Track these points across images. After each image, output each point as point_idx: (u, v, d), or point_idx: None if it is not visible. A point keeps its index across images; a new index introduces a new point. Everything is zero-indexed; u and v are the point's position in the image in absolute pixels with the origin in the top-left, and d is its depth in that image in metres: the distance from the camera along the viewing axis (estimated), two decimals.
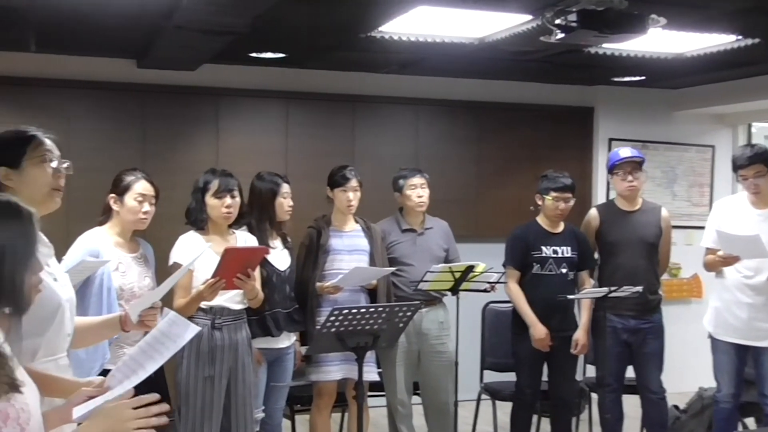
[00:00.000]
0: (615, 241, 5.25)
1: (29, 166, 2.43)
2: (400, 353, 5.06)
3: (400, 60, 6.10)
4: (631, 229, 5.26)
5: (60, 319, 2.44)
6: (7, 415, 1.71)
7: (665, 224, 5.35)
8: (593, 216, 5.42)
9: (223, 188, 4.15)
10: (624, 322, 5.20)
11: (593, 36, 3.85)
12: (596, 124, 7.35)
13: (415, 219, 5.17)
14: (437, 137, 6.98)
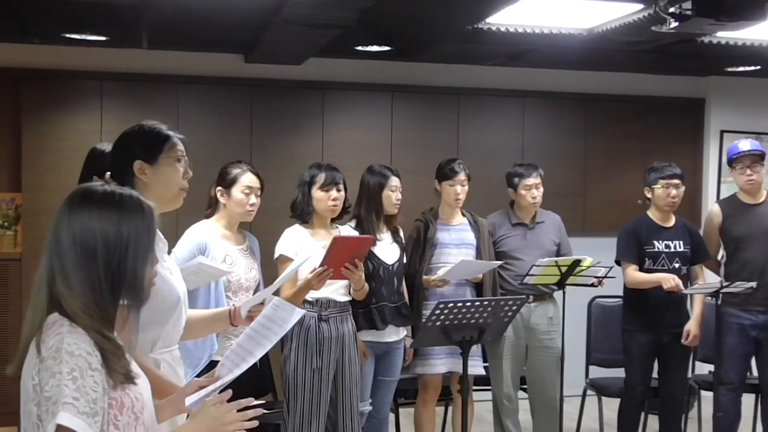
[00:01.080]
0: (741, 236, 5.12)
1: (164, 164, 2.50)
2: (508, 347, 5.05)
3: (506, 52, 6.04)
4: (757, 222, 5.12)
5: (179, 312, 2.51)
6: (122, 404, 1.77)
7: None
8: (716, 212, 5.28)
9: (329, 181, 4.19)
10: (753, 318, 5.07)
11: (709, 24, 3.73)
12: (708, 116, 7.13)
13: (526, 213, 5.14)
14: (543, 130, 6.89)
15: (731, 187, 6.27)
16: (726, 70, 6.68)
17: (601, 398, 5.47)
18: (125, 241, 1.81)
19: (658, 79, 6.99)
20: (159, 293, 2.34)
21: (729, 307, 5.08)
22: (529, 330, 5.03)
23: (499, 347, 5.03)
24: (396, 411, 5.22)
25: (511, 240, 5.08)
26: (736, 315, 5.08)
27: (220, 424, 1.93)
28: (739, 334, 5.09)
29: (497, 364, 5.09)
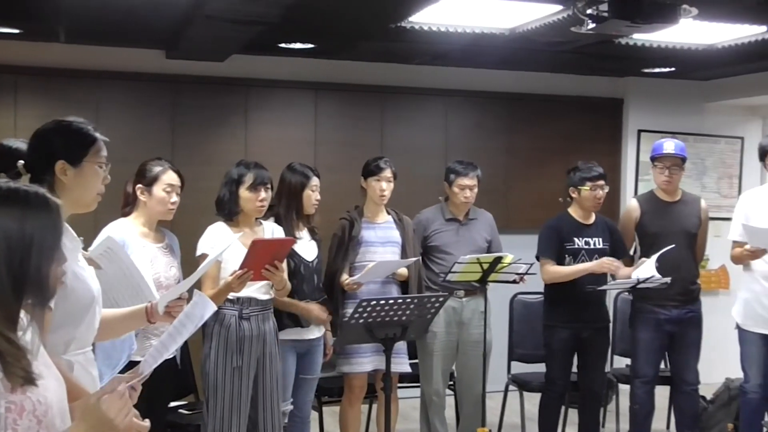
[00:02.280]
0: (657, 233, 5.24)
1: (87, 168, 2.44)
2: (439, 343, 5.10)
3: (430, 51, 6.08)
4: (674, 219, 5.26)
5: (93, 311, 2.46)
6: (22, 408, 1.70)
7: (704, 215, 5.37)
8: (633, 207, 5.41)
9: (258, 181, 4.15)
10: (667, 313, 5.20)
11: (625, 26, 3.82)
12: (626, 116, 7.30)
13: (459, 209, 5.20)
14: (467, 129, 6.96)
15: (648, 185, 6.43)
16: (643, 71, 6.84)
17: (522, 393, 5.56)
18: (29, 239, 1.75)
19: (579, 80, 7.12)
20: (73, 293, 2.29)
21: (644, 302, 5.20)
22: (461, 325, 5.08)
23: (430, 343, 5.08)
24: (320, 410, 5.21)
25: (443, 235, 5.14)
26: (650, 310, 5.20)
27: (107, 416, 1.82)
28: (653, 328, 5.22)
29: (428, 360, 5.13)
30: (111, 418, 1.83)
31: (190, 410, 4.65)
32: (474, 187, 5.15)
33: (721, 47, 5.54)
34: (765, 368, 5.00)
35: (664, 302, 5.16)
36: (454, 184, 5.14)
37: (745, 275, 5.12)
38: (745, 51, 5.63)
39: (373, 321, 4.01)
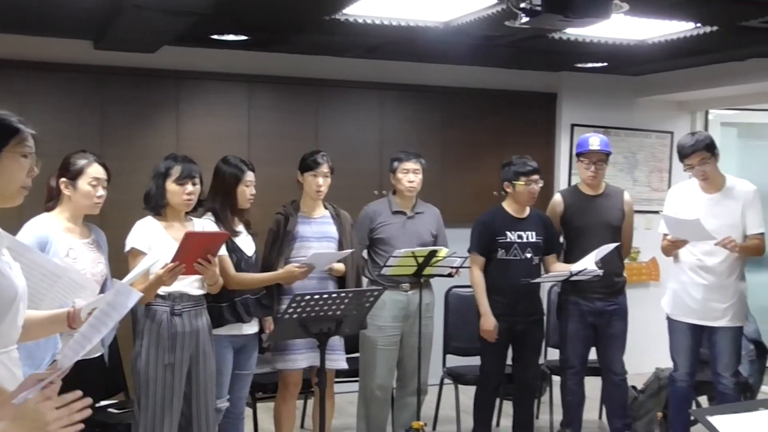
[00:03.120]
0: (581, 226, 5.32)
1: (8, 158, 2.33)
2: (385, 337, 5.10)
3: (365, 44, 6.05)
4: (596, 213, 5.33)
5: (16, 309, 2.37)
6: None
7: (628, 208, 5.45)
8: (558, 201, 5.47)
9: (185, 174, 4.08)
10: (590, 305, 5.28)
11: (558, 20, 3.82)
12: (559, 110, 7.37)
13: (406, 202, 5.20)
14: (402, 122, 6.94)
15: None
16: (576, 66, 6.90)
17: (457, 386, 5.57)
18: None
19: (513, 74, 7.16)
20: None
21: (570, 294, 5.29)
22: (407, 318, 5.07)
23: (373, 337, 5.08)
24: (254, 406, 5.16)
25: (389, 227, 5.14)
26: (575, 302, 5.29)
27: (41, 425, 1.79)
28: (579, 320, 5.31)
29: (371, 354, 5.13)
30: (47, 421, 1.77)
31: (119, 409, 4.55)
32: (418, 171, 5.16)
33: (652, 43, 5.61)
34: (693, 357, 5.12)
35: (588, 294, 5.26)
36: (398, 170, 5.15)
37: (674, 267, 5.22)
38: (674, 47, 5.71)
39: (308, 316, 3.99)
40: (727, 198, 5.00)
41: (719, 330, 5.01)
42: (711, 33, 5.19)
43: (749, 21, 4.83)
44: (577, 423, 5.46)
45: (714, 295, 4.98)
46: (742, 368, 5.46)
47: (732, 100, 7.27)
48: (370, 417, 5.22)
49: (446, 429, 5.74)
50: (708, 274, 4.98)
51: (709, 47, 5.78)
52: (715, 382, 5.08)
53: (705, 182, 5.00)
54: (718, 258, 4.95)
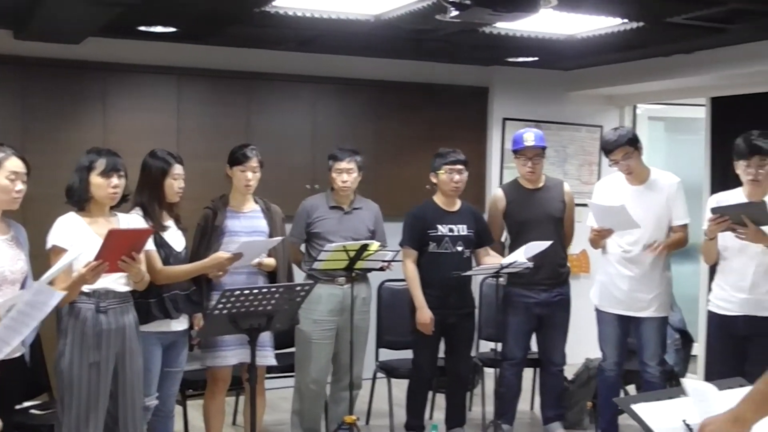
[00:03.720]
0: (524, 220, 5.38)
1: None
2: (320, 331, 5.09)
3: (296, 37, 6.00)
4: (538, 206, 5.41)
5: None
6: None
7: (568, 198, 5.54)
8: (499, 197, 5.52)
9: (110, 167, 3.98)
10: (536, 296, 5.36)
11: (487, 14, 3.85)
12: (491, 104, 7.41)
13: (343, 198, 5.19)
14: (335, 116, 6.91)
15: (513, 172, 6.54)
16: (507, 60, 6.95)
17: (390, 380, 5.58)
18: None
19: (445, 68, 7.17)
20: None
21: (515, 287, 5.35)
22: (343, 312, 5.06)
23: (308, 332, 5.06)
24: (184, 403, 5.09)
25: (326, 222, 5.12)
26: (521, 294, 5.36)
27: None
28: (524, 312, 5.38)
29: (306, 348, 5.11)
30: None
31: (43, 410, 4.44)
32: (352, 171, 5.15)
33: (581, 38, 5.68)
34: (620, 347, 5.22)
35: (533, 286, 5.33)
36: (332, 169, 5.15)
37: (601, 258, 5.30)
38: (603, 42, 5.79)
39: (238, 311, 3.95)
40: (652, 190, 5.09)
41: (645, 320, 5.10)
42: (638, 29, 5.27)
43: (673, 17, 4.91)
44: (511, 414, 5.53)
45: (640, 286, 5.07)
46: (668, 357, 5.60)
47: (658, 94, 7.40)
48: (305, 412, 5.19)
49: (380, 423, 5.74)
50: (634, 265, 5.07)
51: (636, 43, 5.88)
52: (641, 371, 5.18)
53: (630, 176, 5.09)
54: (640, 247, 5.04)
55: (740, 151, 4.54)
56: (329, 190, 5.26)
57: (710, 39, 5.66)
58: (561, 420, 5.61)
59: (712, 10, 4.71)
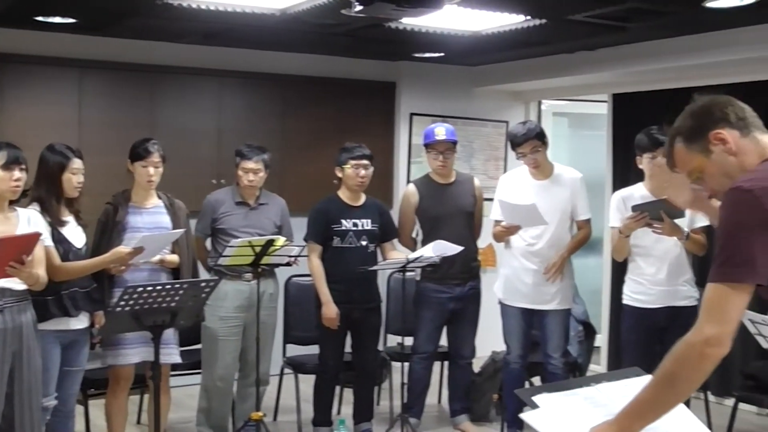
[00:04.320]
0: (436, 215, 5.43)
1: None
2: (227, 327, 5.05)
3: (202, 30, 5.90)
4: (451, 201, 5.46)
5: None
6: None
7: (479, 193, 5.62)
8: (411, 192, 5.55)
9: (11, 160, 3.87)
10: (449, 291, 5.41)
11: (391, 9, 3.87)
12: (398, 99, 7.45)
13: (249, 193, 5.16)
14: (241, 110, 6.84)
15: (421, 167, 6.62)
16: (414, 55, 6.99)
17: (297, 375, 5.56)
18: None
19: (353, 63, 7.18)
20: None
21: (428, 282, 5.40)
22: (250, 307, 5.02)
23: (214, 328, 5.01)
24: (85, 403, 4.97)
25: (232, 218, 5.09)
26: (434, 289, 5.41)
27: None
28: (436, 307, 5.43)
29: (213, 345, 5.06)
30: None
31: None
32: (259, 171, 5.12)
33: (486, 34, 5.74)
34: (524, 340, 5.31)
35: (447, 281, 5.39)
36: (239, 167, 5.13)
37: (505, 252, 5.38)
38: (507, 39, 5.87)
39: (141, 308, 3.90)
40: (556, 185, 5.20)
41: (549, 313, 5.21)
42: (540, 26, 5.36)
43: (575, 15, 5.02)
44: (419, 408, 5.57)
45: (544, 279, 5.16)
46: (572, 348, 5.72)
47: (562, 90, 7.56)
48: (211, 409, 5.15)
49: (287, 419, 5.72)
50: (537, 259, 5.17)
51: (540, 40, 5.98)
52: (545, 363, 5.28)
53: (536, 170, 5.18)
54: (546, 244, 5.15)
55: (644, 145, 4.70)
56: (235, 185, 5.22)
57: (611, 37, 5.79)
58: (468, 413, 5.69)
59: (611, 8, 4.83)
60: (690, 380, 2.15)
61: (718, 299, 2.10)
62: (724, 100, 2.32)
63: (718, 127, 2.27)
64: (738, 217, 2.11)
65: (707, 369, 2.11)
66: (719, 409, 5.64)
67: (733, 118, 2.27)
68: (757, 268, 2.07)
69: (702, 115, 2.31)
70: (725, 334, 2.07)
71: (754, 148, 2.26)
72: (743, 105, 2.31)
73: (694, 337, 2.11)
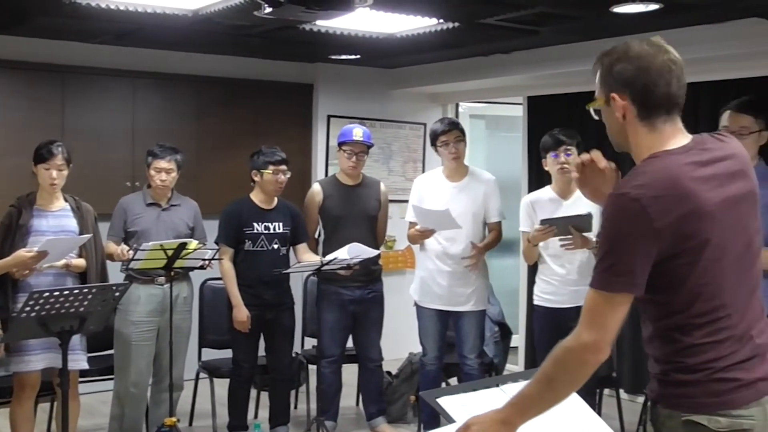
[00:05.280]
0: (340, 216, 5.42)
1: None
2: (140, 332, 4.98)
3: (113, 30, 5.78)
4: (354, 203, 5.46)
5: None
6: None
7: (384, 198, 5.62)
8: (316, 191, 5.54)
9: None
10: (350, 293, 5.39)
11: (301, 11, 3.84)
12: (316, 101, 7.43)
13: (160, 195, 5.10)
14: (155, 111, 6.73)
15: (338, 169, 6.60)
16: (330, 57, 6.97)
17: (213, 380, 5.50)
18: None
19: (270, 64, 7.13)
20: None
21: (328, 284, 5.36)
22: (164, 312, 4.95)
23: (127, 333, 4.94)
24: None
25: (143, 220, 5.02)
26: (335, 291, 5.39)
27: None
28: (338, 309, 5.41)
29: (126, 350, 4.98)
30: None
31: None
32: (171, 170, 5.08)
33: (401, 37, 5.76)
34: (440, 341, 5.34)
35: (347, 283, 5.37)
36: (151, 167, 5.06)
37: (420, 254, 5.42)
38: (422, 41, 5.89)
39: (47, 314, 3.82)
40: (470, 186, 5.26)
41: (464, 314, 5.25)
42: (454, 29, 5.40)
43: (486, 19, 5.07)
44: (334, 410, 5.56)
45: (458, 281, 5.21)
46: (488, 349, 5.78)
47: (479, 93, 7.63)
48: (125, 415, 5.06)
49: (203, 423, 5.65)
50: (452, 261, 5.21)
51: (455, 42, 6.02)
52: (461, 364, 5.32)
53: (455, 162, 5.21)
54: (461, 245, 5.20)
55: (548, 146, 4.81)
56: (146, 188, 5.15)
57: (525, 40, 5.87)
58: (383, 414, 5.69)
59: (521, 12, 4.90)
60: (567, 383, 2.18)
61: (597, 307, 2.11)
62: (658, 67, 2.16)
63: (620, 91, 2.18)
64: (622, 225, 2.08)
65: (585, 373, 2.13)
66: (632, 406, 5.77)
67: (640, 91, 2.16)
68: (636, 279, 2.07)
69: (622, 70, 2.19)
70: (603, 341, 2.09)
71: (646, 134, 2.18)
72: (675, 82, 2.16)
73: (573, 342, 2.13)
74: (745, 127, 3.70)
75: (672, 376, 2.17)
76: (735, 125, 3.71)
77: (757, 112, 3.73)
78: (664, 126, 2.18)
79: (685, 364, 2.13)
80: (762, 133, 3.75)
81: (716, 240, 2.09)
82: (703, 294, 2.11)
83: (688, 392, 2.13)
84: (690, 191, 2.06)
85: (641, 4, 4.60)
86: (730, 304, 2.13)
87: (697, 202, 2.07)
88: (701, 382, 2.11)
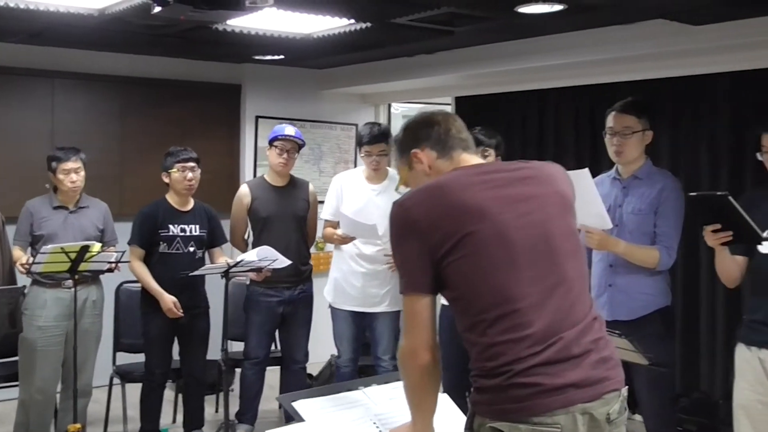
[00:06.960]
0: (267, 217, 5.40)
1: None
2: (46, 337, 4.91)
3: (23, 29, 5.66)
4: (283, 204, 5.44)
5: None
6: None
7: (312, 198, 5.60)
8: (244, 192, 5.50)
9: None
10: (279, 295, 5.35)
11: (189, 11, 3.77)
12: (243, 102, 7.37)
13: (69, 197, 5.03)
14: (77, 112, 6.63)
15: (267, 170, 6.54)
16: (255, 57, 6.91)
17: (124, 385, 5.43)
18: None
19: (195, 65, 7.06)
20: None
21: (257, 286, 5.34)
22: (72, 316, 4.86)
23: (33, 339, 4.87)
24: None
25: (50, 223, 4.95)
26: (263, 293, 5.36)
27: None
28: (266, 311, 5.38)
29: (31, 356, 4.90)
30: None
31: None
32: (80, 169, 5.01)
33: (318, 37, 5.70)
34: (355, 343, 5.33)
35: (276, 285, 5.34)
36: (58, 171, 4.97)
37: (335, 254, 5.39)
38: (341, 42, 5.83)
39: None
40: (389, 189, 5.23)
41: (378, 315, 5.24)
42: (368, 29, 5.34)
43: (396, 19, 5.02)
44: (252, 413, 5.52)
45: (372, 281, 5.20)
46: None
47: (408, 93, 7.59)
48: (30, 423, 4.99)
49: (117, 429, 5.57)
50: (366, 261, 5.19)
51: (375, 43, 5.96)
52: (375, 365, 5.32)
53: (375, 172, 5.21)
54: (375, 246, 5.17)
55: None
56: (52, 191, 5.07)
57: (443, 41, 5.82)
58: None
59: (428, 13, 4.85)
60: (410, 387, 2.28)
61: (406, 311, 2.26)
62: (434, 119, 2.45)
63: (419, 146, 2.41)
64: (395, 230, 2.27)
65: (415, 375, 2.22)
66: None
67: (435, 138, 2.39)
68: (416, 278, 2.20)
69: (409, 133, 2.47)
70: (417, 345, 2.20)
71: (449, 167, 2.38)
72: (454, 123, 2.44)
73: (400, 350, 2.29)
74: (628, 126, 3.77)
75: (479, 381, 2.18)
76: (619, 125, 3.76)
77: (640, 113, 3.78)
78: (461, 154, 2.42)
79: (486, 367, 2.14)
80: (646, 133, 3.80)
81: (488, 233, 2.15)
82: (486, 288, 2.16)
83: (492, 399, 2.14)
84: (450, 191, 2.21)
85: (546, 5, 4.58)
86: (521, 298, 2.14)
87: (459, 198, 2.19)
88: (502, 387, 2.10)
